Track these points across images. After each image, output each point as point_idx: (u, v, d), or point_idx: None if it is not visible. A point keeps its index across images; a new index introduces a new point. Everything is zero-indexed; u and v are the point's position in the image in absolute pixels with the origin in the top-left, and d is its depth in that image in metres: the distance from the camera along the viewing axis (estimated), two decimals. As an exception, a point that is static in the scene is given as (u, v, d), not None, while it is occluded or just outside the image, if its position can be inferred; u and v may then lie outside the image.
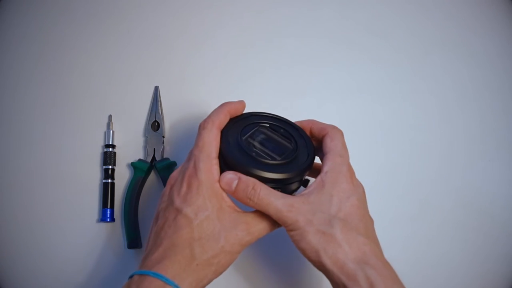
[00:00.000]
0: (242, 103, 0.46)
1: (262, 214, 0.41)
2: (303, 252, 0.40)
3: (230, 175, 0.41)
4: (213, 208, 0.40)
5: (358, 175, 0.54)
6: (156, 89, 0.57)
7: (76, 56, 0.59)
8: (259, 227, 0.41)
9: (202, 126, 0.43)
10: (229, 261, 0.40)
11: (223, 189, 0.41)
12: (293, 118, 0.58)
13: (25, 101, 0.58)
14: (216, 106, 0.59)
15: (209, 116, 0.44)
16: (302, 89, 0.59)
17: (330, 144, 0.44)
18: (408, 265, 0.42)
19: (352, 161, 0.49)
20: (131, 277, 0.39)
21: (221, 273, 0.40)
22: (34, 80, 0.58)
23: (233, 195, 0.41)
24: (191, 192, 0.41)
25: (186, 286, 0.38)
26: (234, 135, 0.44)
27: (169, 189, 0.43)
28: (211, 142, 0.42)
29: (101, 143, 0.56)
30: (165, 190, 0.44)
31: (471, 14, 0.62)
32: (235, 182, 0.41)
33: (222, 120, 0.44)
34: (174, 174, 0.44)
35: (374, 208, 0.54)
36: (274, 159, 0.43)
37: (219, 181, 0.42)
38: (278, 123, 0.47)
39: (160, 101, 0.57)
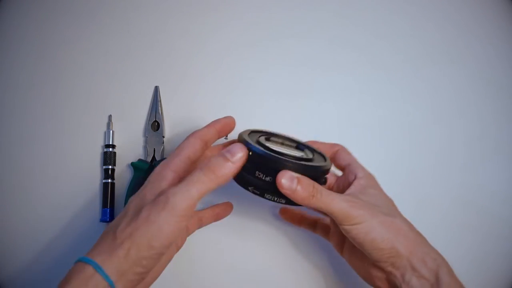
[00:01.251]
0: (230, 118, 0.48)
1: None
2: (372, 243, 0.40)
3: (289, 173, 0.39)
4: (150, 188, 0.40)
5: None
6: (156, 89, 0.57)
7: (76, 56, 0.59)
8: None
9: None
10: (160, 230, 0.37)
11: (284, 188, 0.39)
12: (293, 119, 0.59)
13: (25, 101, 0.58)
14: (216, 106, 0.59)
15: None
16: (302, 90, 0.59)
17: (348, 157, 0.48)
18: (408, 265, 0.42)
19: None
20: None
21: (161, 246, 0.38)
22: (34, 80, 0.58)
23: (293, 194, 0.39)
24: (143, 184, 0.42)
25: (108, 264, 0.37)
26: (256, 143, 0.42)
27: None
28: (185, 145, 0.44)
29: (101, 143, 0.56)
30: None
31: (471, 15, 0.62)
32: (296, 181, 0.39)
33: (205, 132, 0.45)
34: None
35: (374, 208, 0.55)
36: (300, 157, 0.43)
37: (277, 179, 0.39)
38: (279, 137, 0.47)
39: (160, 101, 0.57)
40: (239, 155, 0.40)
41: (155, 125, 0.56)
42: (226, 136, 0.54)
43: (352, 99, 0.59)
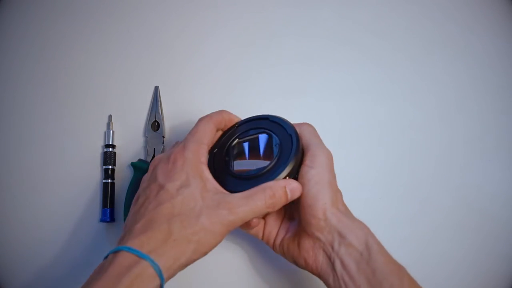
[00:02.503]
0: (236, 117, 0.49)
1: (248, 196, 0.41)
2: (315, 196, 0.42)
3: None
4: (196, 186, 0.40)
5: (357, 175, 0.54)
6: (156, 89, 0.57)
7: (76, 56, 0.59)
8: (244, 208, 0.40)
9: (200, 119, 0.46)
10: (210, 241, 0.39)
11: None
12: (293, 118, 0.58)
13: (25, 101, 0.58)
14: (216, 106, 0.58)
15: (209, 114, 0.47)
16: (302, 89, 0.59)
17: (309, 138, 0.47)
18: (408, 265, 0.42)
19: (352, 162, 0.50)
20: (106, 257, 0.38)
21: (202, 253, 0.39)
22: (34, 80, 0.58)
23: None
24: (175, 168, 0.41)
25: (162, 262, 0.37)
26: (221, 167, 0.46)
27: (152, 169, 0.44)
28: (205, 131, 0.44)
29: (101, 143, 0.56)
30: (147, 173, 0.44)
31: (471, 13, 0.62)
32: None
33: (219, 119, 0.47)
34: (158, 156, 0.45)
35: (374, 208, 0.54)
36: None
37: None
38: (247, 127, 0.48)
39: (160, 101, 0.57)
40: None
41: (155, 125, 0.56)
42: None
43: (352, 98, 0.59)
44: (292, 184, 0.42)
